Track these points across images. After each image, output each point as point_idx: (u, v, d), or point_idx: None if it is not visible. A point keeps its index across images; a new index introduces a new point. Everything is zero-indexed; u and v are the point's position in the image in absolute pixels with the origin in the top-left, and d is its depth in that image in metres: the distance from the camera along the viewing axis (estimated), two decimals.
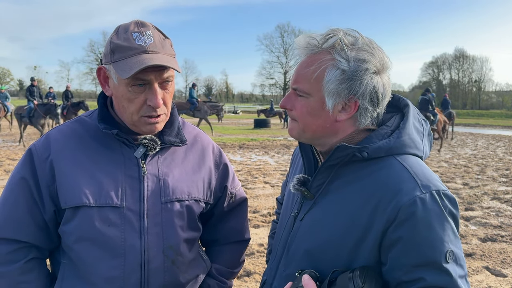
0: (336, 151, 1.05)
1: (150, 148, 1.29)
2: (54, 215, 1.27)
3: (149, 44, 1.18)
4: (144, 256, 1.25)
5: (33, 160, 1.25)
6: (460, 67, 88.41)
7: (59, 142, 1.27)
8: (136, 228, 1.25)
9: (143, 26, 1.20)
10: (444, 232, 0.98)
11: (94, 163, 1.26)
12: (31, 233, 1.25)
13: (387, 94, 1.10)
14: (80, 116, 1.36)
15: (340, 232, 1.05)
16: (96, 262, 1.23)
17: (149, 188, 1.28)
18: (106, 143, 1.29)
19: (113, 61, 1.19)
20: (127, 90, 1.19)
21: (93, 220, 1.21)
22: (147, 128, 1.25)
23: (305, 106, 1.09)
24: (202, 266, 1.46)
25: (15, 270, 1.24)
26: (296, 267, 1.12)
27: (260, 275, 4.10)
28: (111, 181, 1.24)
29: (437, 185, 1.01)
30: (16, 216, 1.24)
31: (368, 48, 1.05)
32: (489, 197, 7.72)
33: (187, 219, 1.34)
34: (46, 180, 1.24)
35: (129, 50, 1.17)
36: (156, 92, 1.20)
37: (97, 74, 1.27)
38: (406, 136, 1.08)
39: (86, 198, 1.21)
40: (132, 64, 1.14)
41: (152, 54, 1.17)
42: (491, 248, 5.01)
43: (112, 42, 1.20)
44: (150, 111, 1.22)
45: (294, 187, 1.16)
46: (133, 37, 1.18)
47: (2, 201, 1.27)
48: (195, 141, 1.45)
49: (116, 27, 1.23)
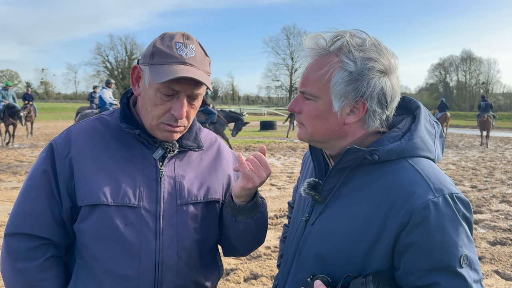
0: (346, 154, 1.04)
1: (168, 150, 1.31)
2: (70, 212, 1.28)
3: (189, 57, 1.21)
4: (159, 257, 1.26)
5: (53, 155, 1.27)
6: (467, 69, 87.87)
7: (79, 139, 1.29)
8: (152, 228, 1.26)
9: (188, 39, 1.24)
10: (458, 236, 0.96)
11: (113, 162, 1.27)
12: (51, 229, 1.27)
13: (396, 96, 1.09)
14: (101, 114, 1.39)
15: (352, 237, 1.04)
16: (111, 260, 1.23)
17: (166, 189, 1.29)
18: (126, 143, 1.30)
19: (150, 64, 1.22)
20: (155, 95, 1.22)
21: (110, 218, 1.22)
22: (163, 135, 1.28)
23: (313, 109, 1.09)
24: (216, 271, 1.46)
25: (34, 267, 1.26)
26: (307, 271, 1.11)
27: (267, 278, 4.09)
28: (129, 181, 1.26)
29: (450, 188, 1.00)
30: (37, 211, 1.26)
31: (375, 49, 1.04)
32: (498, 200, 7.65)
33: (201, 221, 1.36)
34: (64, 176, 1.25)
35: (169, 57, 1.20)
36: (183, 104, 1.23)
37: (131, 72, 1.30)
38: (418, 139, 1.07)
39: (104, 197, 1.22)
40: (168, 72, 1.17)
41: (189, 67, 1.20)
42: (500, 251, 4.96)
43: (155, 45, 1.23)
44: (172, 120, 1.25)
45: (305, 191, 1.16)
46: (176, 47, 1.21)
47: (23, 195, 1.28)
48: (211, 146, 1.48)
49: (163, 33, 1.27)
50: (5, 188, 7.69)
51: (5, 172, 9.18)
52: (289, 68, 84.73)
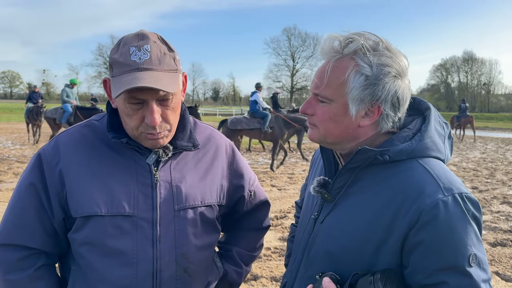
0: (357, 154, 1.05)
1: (162, 154, 1.26)
2: (63, 222, 1.25)
3: (143, 60, 1.13)
4: (156, 265, 1.23)
5: (42, 166, 1.23)
6: (469, 69, 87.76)
7: (69, 147, 1.24)
8: (148, 236, 1.22)
9: (143, 39, 1.16)
10: (467, 235, 0.97)
11: (105, 170, 1.23)
12: (40, 240, 1.24)
13: (408, 98, 1.09)
14: (90, 119, 1.33)
15: (361, 235, 1.05)
16: (107, 270, 1.21)
17: (162, 195, 1.25)
18: (117, 149, 1.25)
19: (112, 76, 1.17)
20: (124, 106, 1.16)
21: (105, 229, 1.19)
22: (149, 143, 1.22)
23: (327, 112, 1.09)
24: (215, 273, 1.45)
25: (25, 278, 1.23)
26: (316, 269, 1.12)
27: (267, 279, 4.09)
28: (123, 189, 1.21)
29: (460, 188, 1.00)
30: (25, 222, 1.22)
31: (389, 53, 1.05)
32: (499, 201, 7.64)
33: (200, 225, 1.32)
34: (55, 187, 1.21)
35: (123, 66, 1.13)
36: (152, 110, 1.15)
37: (104, 86, 1.24)
38: (428, 139, 1.08)
39: (97, 207, 1.19)
40: (122, 83, 1.11)
41: (144, 72, 1.12)
42: (501, 253, 4.95)
43: (111, 56, 1.18)
44: (150, 129, 1.18)
45: (314, 189, 1.16)
46: (130, 52, 1.14)
47: (11, 206, 1.25)
48: (208, 141, 1.41)
49: (120, 38, 1.20)
50: (6, 189, 7.70)
51: (6, 173, 9.20)
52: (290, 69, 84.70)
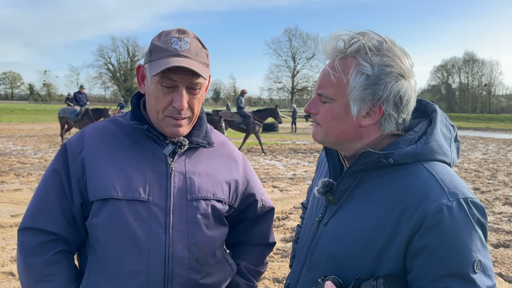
0: (361, 156, 1.04)
1: (178, 146, 1.34)
2: (81, 209, 1.31)
3: (184, 49, 1.25)
4: (168, 252, 1.27)
5: (66, 154, 1.32)
6: (470, 70, 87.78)
7: (93, 138, 1.34)
8: (161, 223, 1.28)
9: (184, 33, 1.29)
10: (472, 241, 0.95)
11: (124, 159, 1.31)
12: (61, 225, 1.30)
13: (412, 99, 1.08)
14: (115, 116, 1.45)
15: (364, 239, 1.04)
16: (122, 256, 1.26)
17: (176, 185, 1.32)
18: (137, 141, 1.35)
19: (149, 60, 1.27)
20: (156, 88, 1.26)
21: (120, 213, 1.26)
22: (171, 130, 1.30)
23: (329, 111, 1.09)
24: (228, 269, 1.47)
25: (42, 262, 1.29)
26: (319, 272, 1.11)
27: (269, 280, 4.10)
28: (140, 176, 1.29)
29: (465, 193, 0.99)
30: (47, 206, 1.31)
31: (392, 53, 1.04)
32: (501, 202, 7.63)
33: (212, 217, 1.37)
34: (76, 173, 1.30)
35: (164, 51, 1.25)
36: (182, 95, 1.26)
37: (136, 72, 1.36)
38: (434, 142, 1.06)
39: (114, 191, 1.26)
40: (162, 64, 1.22)
41: (183, 58, 1.24)
42: (503, 254, 4.94)
43: (152, 43, 1.29)
44: (175, 112, 1.28)
45: (319, 191, 1.16)
46: (171, 41, 1.26)
47: (36, 193, 1.35)
48: (222, 146, 1.51)
49: (161, 31, 1.32)
50: (8, 189, 7.71)
51: (8, 174, 9.21)
52: (291, 70, 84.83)
